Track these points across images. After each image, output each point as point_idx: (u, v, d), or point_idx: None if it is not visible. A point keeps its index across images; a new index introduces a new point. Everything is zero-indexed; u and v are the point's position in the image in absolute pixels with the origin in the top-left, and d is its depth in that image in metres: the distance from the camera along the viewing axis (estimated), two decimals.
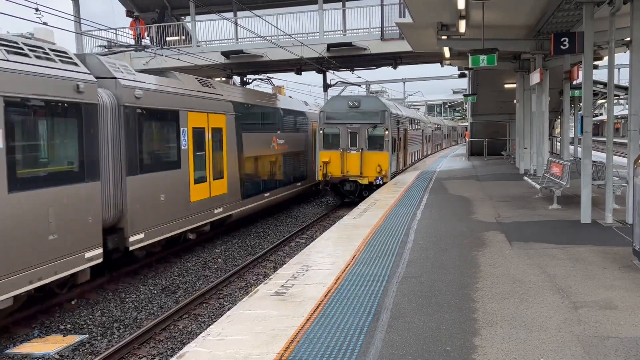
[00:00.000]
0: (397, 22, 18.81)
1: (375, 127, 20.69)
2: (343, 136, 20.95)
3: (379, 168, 20.53)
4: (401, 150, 24.29)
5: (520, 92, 22.92)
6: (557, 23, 15.48)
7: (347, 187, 21.14)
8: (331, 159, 20.92)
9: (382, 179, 20.53)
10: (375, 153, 20.67)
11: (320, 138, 21.16)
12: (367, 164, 20.72)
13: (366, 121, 20.80)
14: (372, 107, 21.07)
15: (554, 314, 5.77)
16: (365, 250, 8.90)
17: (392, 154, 21.24)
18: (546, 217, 11.72)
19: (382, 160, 20.63)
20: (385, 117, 20.70)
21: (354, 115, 20.95)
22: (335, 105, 21.39)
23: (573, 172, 13.70)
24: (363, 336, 5.28)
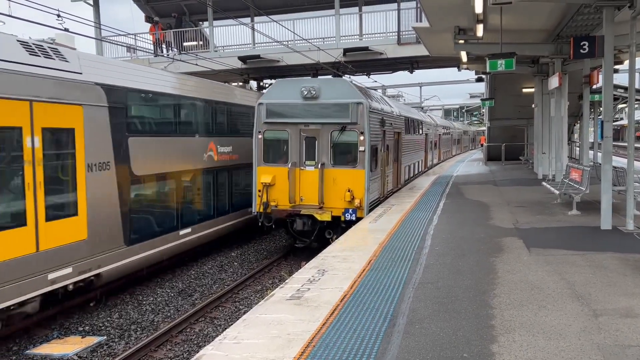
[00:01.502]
0: (414, 27, 18.76)
1: (345, 130, 13.62)
2: (294, 143, 13.87)
3: (350, 195, 13.43)
4: (390, 164, 17.02)
5: (539, 97, 22.67)
6: (576, 27, 15.30)
7: (299, 225, 13.72)
8: (276, 180, 13.77)
9: (354, 212, 13.40)
10: (344, 170, 13.65)
11: (258, 146, 13.99)
12: (331, 189, 13.65)
13: (330, 120, 13.68)
14: (339, 97, 13.68)
15: (574, 322, 5.68)
16: (381, 255, 8.86)
17: (373, 172, 14.33)
18: (565, 223, 11.56)
19: (355, 182, 13.52)
20: (360, 114, 13.55)
21: (311, 110, 13.80)
22: (282, 94, 13.99)
23: (593, 177, 13.50)
24: (379, 342, 5.25)
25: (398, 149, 18.70)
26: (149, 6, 27.94)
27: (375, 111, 14.57)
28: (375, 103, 15.13)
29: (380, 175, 15.51)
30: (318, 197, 13.69)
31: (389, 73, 29.47)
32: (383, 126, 15.59)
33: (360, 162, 13.64)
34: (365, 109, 13.57)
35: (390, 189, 17.21)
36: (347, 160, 13.85)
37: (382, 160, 15.55)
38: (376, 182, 14.90)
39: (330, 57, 22.83)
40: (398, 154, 18.73)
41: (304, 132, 13.95)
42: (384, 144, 15.82)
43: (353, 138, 13.71)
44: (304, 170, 13.92)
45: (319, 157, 13.85)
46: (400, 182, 19.44)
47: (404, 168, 19.93)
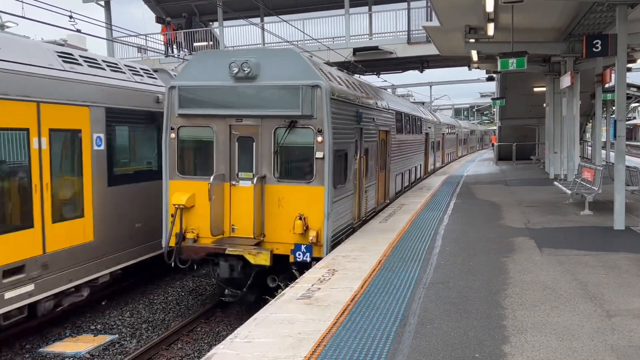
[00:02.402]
0: (424, 26, 18.71)
1: (295, 127, 9.44)
2: (221, 146, 9.77)
3: (303, 224, 9.29)
4: (371, 174, 12.71)
5: (550, 96, 22.50)
6: (588, 25, 15.17)
7: (224, 271, 9.58)
8: (195, 200, 9.76)
9: (308, 249, 9.32)
10: (294, 187, 9.52)
11: (169, 150, 9.93)
12: (275, 214, 9.57)
13: (273, 111, 9.46)
14: (286, 76, 9.44)
15: (586, 323, 5.64)
16: (392, 254, 8.84)
17: (339, 188, 10.04)
18: (577, 223, 11.47)
19: (310, 205, 9.42)
20: (318, 103, 9.28)
21: (246, 96, 9.56)
22: (204, 73, 9.80)
23: (605, 177, 13.38)
24: (390, 342, 5.24)
25: (385, 154, 14.37)
26: (160, 7, 28.11)
27: (343, 100, 10.10)
28: (344, 88, 10.62)
29: (354, 192, 10.99)
30: (254, 227, 9.31)
31: (399, 72, 29.43)
32: (359, 122, 11.16)
33: (317, 175, 9.24)
34: (324, 95, 9.11)
35: (372, 208, 12.87)
36: (299, 172, 9.56)
37: (356, 170, 11.14)
38: (345, 202, 10.36)
39: (340, 57, 22.82)
40: (385, 160, 14.48)
41: (237, 130, 9.64)
42: (360, 147, 11.39)
43: (307, 139, 9.31)
44: (236, 187, 9.66)
45: (257, 167, 9.55)
46: (389, 195, 15.12)
47: (393, 178, 15.60)
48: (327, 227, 9.35)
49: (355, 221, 11.38)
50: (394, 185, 15.97)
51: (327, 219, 9.35)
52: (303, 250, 9.35)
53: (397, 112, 16.08)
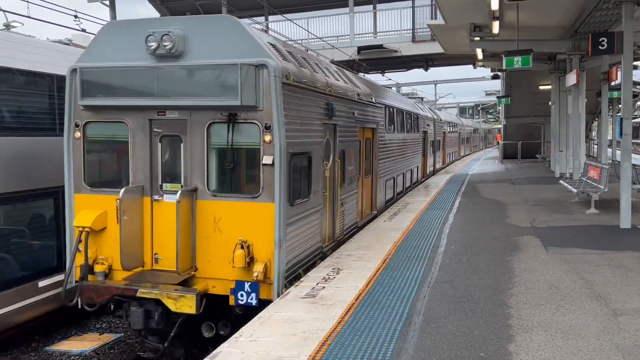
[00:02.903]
0: (429, 24, 18.67)
1: (236, 122, 7.24)
2: (139, 149, 7.65)
3: (245, 254, 7.09)
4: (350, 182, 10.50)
5: (556, 94, 22.41)
6: (594, 23, 15.09)
7: (135, 320, 7.23)
8: (107, 220, 7.68)
9: (254, 289, 7.11)
10: (235, 204, 7.33)
11: (73, 152, 7.83)
12: (210, 239, 7.41)
13: (204, 100, 7.19)
14: (222, 52, 7.18)
15: (592, 322, 5.61)
16: (397, 253, 8.83)
17: (299, 204, 7.83)
18: (583, 221, 11.41)
19: (255, 229, 7.22)
20: (264, 88, 7.07)
21: (169, 80, 7.26)
22: (115, 50, 7.61)
23: (611, 175, 13.32)
24: (395, 340, 5.23)
25: (371, 156, 12.40)
26: (164, 6, 28.15)
27: (304, 87, 7.81)
28: (307, 72, 8.19)
29: (323, 207, 8.78)
30: (178, 258, 7.01)
31: (404, 71, 29.39)
32: (330, 116, 8.87)
33: (266, 188, 7.05)
34: (273, 78, 6.91)
35: (352, 223, 10.69)
36: (241, 183, 7.49)
37: (328, 178, 9.06)
38: (308, 222, 8.09)
39: (345, 56, 22.81)
40: (372, 164, 12.44)
41: (159, 126, 7.51)
42: (333, 148, 9.24)
43: (252, 138, 7.15)
44: (160, 203, 7.49)
45: (186, 177, 7.40)
46: (377, 205, 12.95)
47: (382, 184, 13.45)
48: (280, 258, 7.00)
49: (325, 244, 8.99)
50: (382, 192, 13.63)
51: (279, 247, 6.98)
52: (247, 290, 7.04)
53: (387, 106, 13.96)
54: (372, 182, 12.68)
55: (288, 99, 7.29)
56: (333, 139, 9.33)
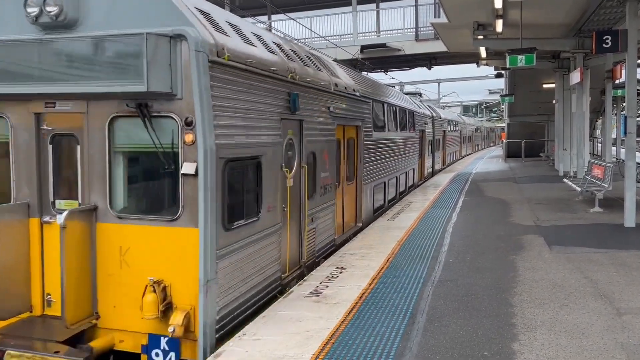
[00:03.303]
0: (432, 23, 18.66)
1: (147, 115, 5.30)
2: (22, 152, 5.81)
3: (159, 298, 5.23)
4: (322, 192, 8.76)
5: (560, 92, 22.36)
6: (598, 21, 15.06)
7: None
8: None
9: (173, 346, 5.36)
10: (145, 229, 5.45)
11: None
12: (113, 277, 5.55)
13: (104, 84, 5.14)
14: (126, 19, 5.29)
15: (596, 321, 5.60)
16: (400, 252, 8.83)
17: (240, 228, 5.91)
18: (587, 220, 11.38)
19: (173, 263, 5.36)
20: (184, 69, 5.19)
21: (55, 57, 5.24)
22: None
23: (615, 174, 13.28)
24: (399, 339, 5.24)
25: (355, 158, 10.87)
26: None
27: (248, 69, 6.05)
28: (254, 50, 6.40)
29: (281, 227, 7.00)
30: (64, 304, 5.26)
31: (407, 69, 29.36)
32: (293, 110, 7.19)
33: (187, 207, 5.36)
34: (195, 54, 5.19)
35: (328, 242, 9.04)
36: (154, 201, 5.76)
37: (290, 189, 7.35)
38: (259, 252, 6.35)
39: (348, 54, 22.80)
40: (355, 168, 10.83)
41: (48, 122, 5.81)
42: (297, 151, 7.61)
43: (168, 139, 5.41)
44: (51, 225, 5.75)
45: (83, 191, 5.71)
46: (362, 216, 11.24)
47: (369, 191, 11.79)
48: (207, 304, 5.20)
49: (286, 273, 7.23)
50: (369, 200, 11.89)
51: (207, 289, 5.15)
52: (163, 348, 5.39)
53: (376, 101, 12.30)
54: (356, 189, 10.94)
55: (221, 85, 5.46)
56: (298, 139, 7.59)
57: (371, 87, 12.62)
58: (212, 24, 5.77)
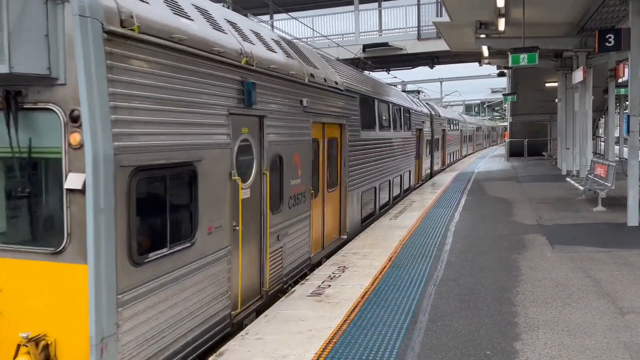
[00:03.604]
0: (434, 22, 18.64)
1: (19, 106, 3.97)
2: None
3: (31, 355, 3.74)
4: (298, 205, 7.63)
5: (562, 91, 22.31)
6: (601, 19, 15.02)
7: None
8: None
9: None
10: (18, 265, 4.02)
11: None
12: None
13: None
14: None
15: (599, 320, 5.58)
16: (402, 252, 8.83)
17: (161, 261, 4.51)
18: (590, 219, 11.36)
19: (56, 312, 3.93)
20: (67, 43, 3.80)
21: None
22: None
23: (618, 173, 13.24)
24: (401, 339, 5.24)
25: (338, 162, 9.73)
26: None
27: (172, 45, 4.67)
28: (183, 21, 5.03)
29: (230, 251, 5.69)
30: None
31: (409, 68, 29.33)
32: (248, 104, 6.02)
33: (76, 236, 3.92)
34: (81, 21, 3.77)
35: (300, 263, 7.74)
36: (29, 225, 4.28)
37: (242, 203, 5.96)
38: (193, 288, 5.00)
39: (350, 54, 22.78)
40: (338, 173, 9.73)
41: None
42: (257, 154, 6.40)
43: (46, 140, 4.05)
44: None
45: None
46: (346, 226, 10.01)
47: (355, 198, 10.57)
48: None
49: (238, 309, 5.88)
50: (356, 209, 10.70)
51: (102, 350, 3.89)
52: None
53: (363, 96, 11.11)
54: (340, 196, 9.81)
55: (126, 65, 4.13)
56: (258, 140, 6.29)
57: (359, 81, 11.44)
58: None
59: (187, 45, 4.86)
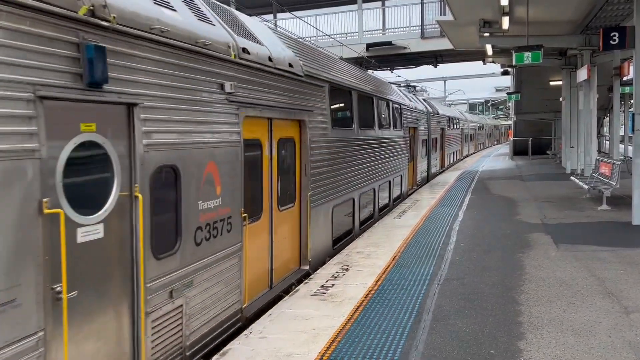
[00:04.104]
0: (438, 20, 18.61)
1: None
2: None
3: None
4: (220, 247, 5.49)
5: (567, 90, 22.23)
6: (605, 17, 14.96)
7: None
8: None
9: None
10: None
11: None
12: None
13: None
14: None
15: (604, 319, 5.57)
16: (406, 251, 8.82)
17: None
18: (595, 218, 11.32)
19: None
20: None
21: None
22: None
23: (623, 171, 13.20)
24: (405, 338, 5.24)
25: (296, 170, 7.75)
26: None
27: None
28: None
29: (39, 344, 3.30)
30: None
31: (413, 67, 29.31)
32: (92, 82, 3.74)
33: None
34: None
35: (218, 324, 5.50)
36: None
37: (76, 254, 3.70)
38: None
39: (353, 53, 22.78)
40: (297, 184, 7.76)
41: None
42: (120, 168, 4.12)
43: None
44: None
45: None
46: (308, 253, 7.96)
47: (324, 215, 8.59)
48: None
49: None
50: (324, 228, 8.57)
51: None
52: None
53: (333, 85, 8.94)
54: (299, 215, 7.73)
55: None
56: (122, 142, 4.19)
57: (328, 66, 9.09)
58: None
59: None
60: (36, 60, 3.38)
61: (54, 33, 3.50)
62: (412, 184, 17.07)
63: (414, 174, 17.32)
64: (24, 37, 3.29)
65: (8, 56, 3.18)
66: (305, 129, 7.76)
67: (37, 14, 3.36)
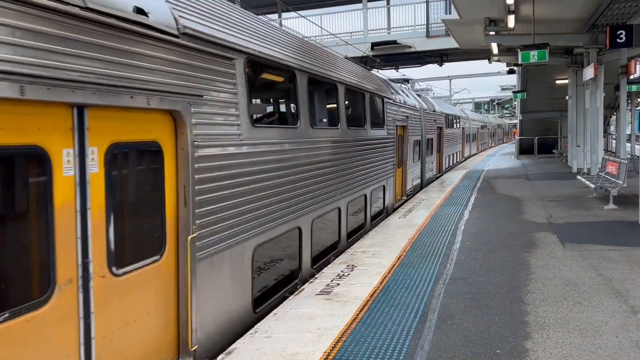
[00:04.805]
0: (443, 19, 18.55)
1: None
2: None
3: None
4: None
5: (573, 88, 22.13)
6: (612, 15, 14.86)
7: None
8: None
9: None
10: None
11: None
12: None
13: None
14: None
15: (611, 319, 5.54)
16: (411, 250, 8.80)
17: None
18: (601, 217, 11.26)
19: None
20: None
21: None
22: None
23: (630, 170, 13.13)
24: (410, 337, 5.22)
25: (166, 195, 4.61)
26: None
27: None
28: None
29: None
30: None
31: (418, 66, 29.25)
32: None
33: None
34: None
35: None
36: None
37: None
38: None
39: (358, 52, 22.77)
40: (165, 221, 4.61)
41: None
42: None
43: None
44: None
45: None
46: (190, 344, 4.79)
47: (225, 267, 5.40)
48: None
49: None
50: (230, 288, 5.53)
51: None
52: None
53: (254, 59, 6.04)
54: (175, 272, 4.75)
55: None
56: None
57: (244, 28, 6.07)
58: None
59: None
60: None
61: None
62: (401, 194, 14.41)
63: (403, 182, 14.53)
64: None
65: None
66: (184, 126, 4.72)
67: None
